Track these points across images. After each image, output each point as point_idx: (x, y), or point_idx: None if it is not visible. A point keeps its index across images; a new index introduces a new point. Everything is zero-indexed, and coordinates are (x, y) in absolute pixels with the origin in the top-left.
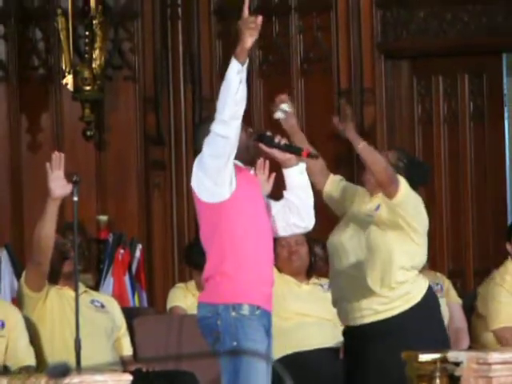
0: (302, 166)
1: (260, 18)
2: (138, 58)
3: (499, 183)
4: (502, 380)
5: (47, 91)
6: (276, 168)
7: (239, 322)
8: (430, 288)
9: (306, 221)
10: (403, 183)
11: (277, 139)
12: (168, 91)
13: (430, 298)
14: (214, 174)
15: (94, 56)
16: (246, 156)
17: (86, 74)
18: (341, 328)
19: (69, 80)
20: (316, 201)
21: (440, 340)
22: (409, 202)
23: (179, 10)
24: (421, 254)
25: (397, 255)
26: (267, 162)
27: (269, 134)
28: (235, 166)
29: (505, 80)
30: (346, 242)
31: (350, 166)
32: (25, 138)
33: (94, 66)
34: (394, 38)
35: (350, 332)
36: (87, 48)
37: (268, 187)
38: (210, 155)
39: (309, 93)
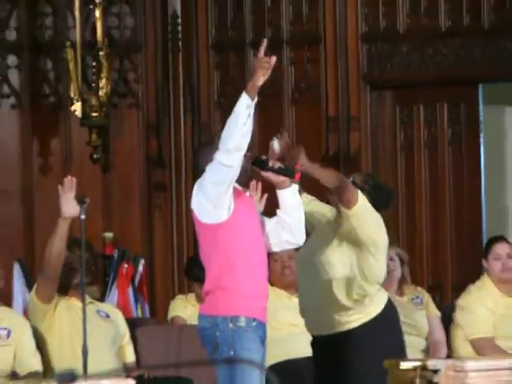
0: (295, 187)
1: (274, 59)
2: (141, 87)
3: (475, 204)
4: None
5: (57, 117)
6: (269, 189)
7: (236, 334)
8: (389, 301)
9: (298, 237)
10: (362, 197)
11: (271, 163)
12: (169, 118)
13: (389, 311)
14: (215, 199)
15: (100, 85)
16: (245, 179)
17: (93, 101)
18: None
19: (77, 107)
20: None
21: (398, 349)
22: (365, 215)
23: (180, 43)
24: (379, 269)
25: (356, 268)
26: (259, 183)
27: (264, 157)
28: (234, 188)
29: (481, 108)
30: (313, 256)
31: None
32: (36, 161)
33: (100, 94)
34: (379, 70)
35: (317, 342)
36: (94, 77)
37: (260, 207)
38: (212, 182)
39: (299, 120)
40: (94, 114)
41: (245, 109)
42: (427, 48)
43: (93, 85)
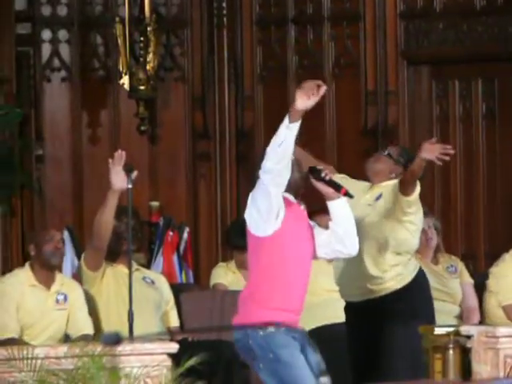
0: (344, 199)
1: (323, 89)
2: (187, 61)
3: (508, 176)
4: (508, 351)
5: (106, 90)
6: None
7: (268, 337)
8: (421, 269)
9: (349, 248)
10: (418, 189)
11: (323, 174)
12: (214, 91)
13: (420, 279)
14: (264, 212)
15: (148, 59)
16: (298, 187)
17: (141, 75)
18: None
19: (125, 80)
20: None
21: (429, 315)
22: (414, 203)
23: (224, 19)
24: (413, 241)
25: (390, 242)
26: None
27: (319, 168)
28: (286, 199)
29: None
30: None
31: None
32: (85, 132)
33: (147, 68)
34: (416, 46)
35: (350, 308)
36: (142, 52)
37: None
38: (259, 197)
39: (339, 94)
40: (142, 87)
41: (283, 129)
42: (462, 25)
43: (140, 59)
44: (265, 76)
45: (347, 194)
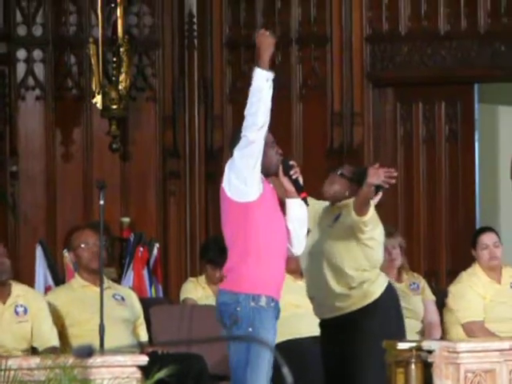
0: (301, 202)
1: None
2: (158, 81)
3: (469, 196)
4: (468, 366)
5: (79, 109)
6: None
7: (257, 312)
8: (389, 285)
9: (296, 248)
10: (372, 209)
11: (292, 171)
12: (184, 111)
13: (388, 294)
14: (245, 175)
15: (120, 79)
16: (269, 171)
17: (113, 94)
18: None
19: (98, 99)
20: None
21: (397, 330)
22: (371, 221)
23: (195, 41)
24: (375, 255)
25: (352, 260)
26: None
27: (291, 163)
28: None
29: (476, 107)
30: (313, 248)
31: None
32: (59, 149)
33: (120, 87)
34: (381, 68)
35: (323, 324)
36: (115, 72)
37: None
38: (241, 158)
39: (306, 115)
40: (114, 107)
41: (265, 82)
42: (427, 49)
43: (113, 79)
44: (234, 96)
45: (305, 199)
